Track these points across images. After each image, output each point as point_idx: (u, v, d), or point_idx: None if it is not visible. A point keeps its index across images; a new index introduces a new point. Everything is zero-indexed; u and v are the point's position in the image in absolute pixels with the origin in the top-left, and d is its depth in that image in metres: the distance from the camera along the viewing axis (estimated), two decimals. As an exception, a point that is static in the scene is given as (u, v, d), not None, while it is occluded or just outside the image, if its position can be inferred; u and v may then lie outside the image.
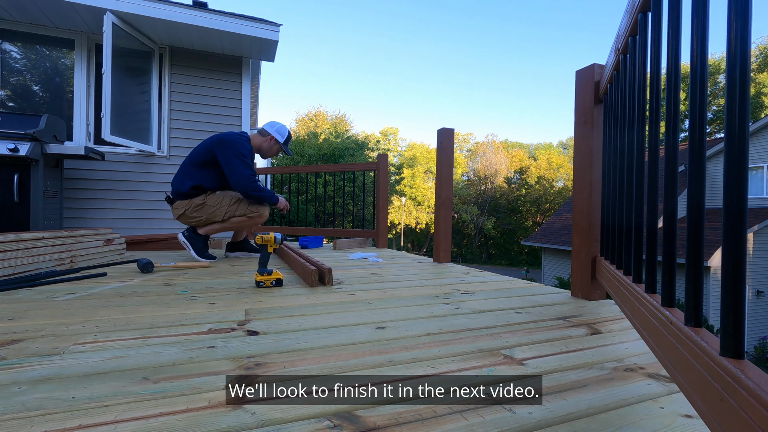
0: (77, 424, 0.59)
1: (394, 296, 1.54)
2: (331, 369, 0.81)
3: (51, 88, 3.95)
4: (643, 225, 0.88)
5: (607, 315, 1.30)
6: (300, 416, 0.62)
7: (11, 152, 2.74)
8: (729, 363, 0.43)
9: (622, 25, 1.09)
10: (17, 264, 1.72)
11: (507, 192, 34.77)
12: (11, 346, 0.91)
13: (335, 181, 6.71)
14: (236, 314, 1.22)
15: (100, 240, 2.34)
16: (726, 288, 0.45)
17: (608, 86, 1.33)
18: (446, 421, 0.62)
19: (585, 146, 1.54)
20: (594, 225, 1.50)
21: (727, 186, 0.44)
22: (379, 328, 1.11)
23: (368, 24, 75.74)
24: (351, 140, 23.42)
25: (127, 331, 1.03)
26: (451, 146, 2.72)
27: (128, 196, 3.99)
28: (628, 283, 0.92)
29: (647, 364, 0.88)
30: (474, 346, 0.97)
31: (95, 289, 1.56)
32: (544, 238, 16.03)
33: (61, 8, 3.46)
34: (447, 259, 2.67)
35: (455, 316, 1.26)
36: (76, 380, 0.74)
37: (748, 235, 1.51)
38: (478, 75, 76.97)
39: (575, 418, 0.64)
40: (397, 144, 36.95)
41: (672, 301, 0.65)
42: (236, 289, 1.62)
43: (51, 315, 1.18)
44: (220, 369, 0.80)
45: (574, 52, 74.88)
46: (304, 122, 29.84)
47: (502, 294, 1.63)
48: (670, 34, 0.67)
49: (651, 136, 0.79)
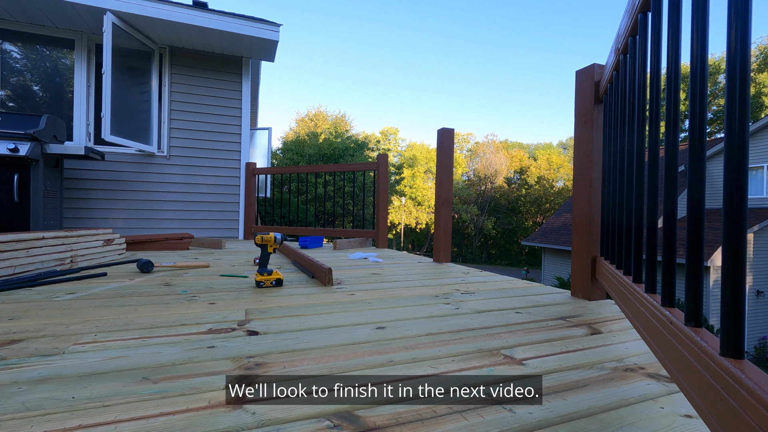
0: (77, 424, 0.59)
1: (394, 296, 1.54)
2: (331, 369, 0.81)
3: (51, 88, 3.95)
4: (643, 225, 0.88)
5: (607, 315, 1.30)
6: (300, 416, 0.62)
7: (11, 152, 2.74)
8: (729, 363, 0.43)
9: (622, 25, 1.09)
10: (17, 264, 1.72)
11: (507, 192, 34.78)
12: (11, 346, 0.91)
13: (335, 181, 6.71)
14: (236, 314, 1.22)
15: (100, 240, 2.34)
16: (726, 288, 0.45)
17: (608, 86, 1.33)
18: (446, 421, 0.62)
19: (585, 146, 1.54)
20: (594, 225, 1.50)
21: (727, 186, 0.44)
22: (379, 328, 1.11)
23: (368, 24, 75.77)
24: (351, 140, 23.42)
25: (126, 331, 1.03)
26: (451, 146, 2.72)
27: (128, 196, 3.99)
28: (628, 283, 0.92)
29: (647, 364, 0.88)
30: (474, 346, 0.97)
31: (95, 289, 1.56)
32: (544, 238, 16.03)
33: (62, 8, 3.46)
34: (447, 259, 2.67)
35: (455, 316, 1.26)
36: (76, 380, 0.74)
37: (748, 235, 1.51)
38: (478, 75, 77.03)
39: (575, 418, 0.64)
40: (397, 144, 36.97)
41: (672, 301, 0.65)
42: (236, 289, 1.62)
43: (51, 315, 1.18)
44: (220, 369, 0.80)
45: (575, 52, 74.91)
46: (304, 122, 29.84)
47: (502, 294, 1.63)
48: (670, 34, 0.67)
49: (651, 136, 0.79)
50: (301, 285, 1.74)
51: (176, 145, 4.18)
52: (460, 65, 77.10)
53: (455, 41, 75.97)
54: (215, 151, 4.32)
